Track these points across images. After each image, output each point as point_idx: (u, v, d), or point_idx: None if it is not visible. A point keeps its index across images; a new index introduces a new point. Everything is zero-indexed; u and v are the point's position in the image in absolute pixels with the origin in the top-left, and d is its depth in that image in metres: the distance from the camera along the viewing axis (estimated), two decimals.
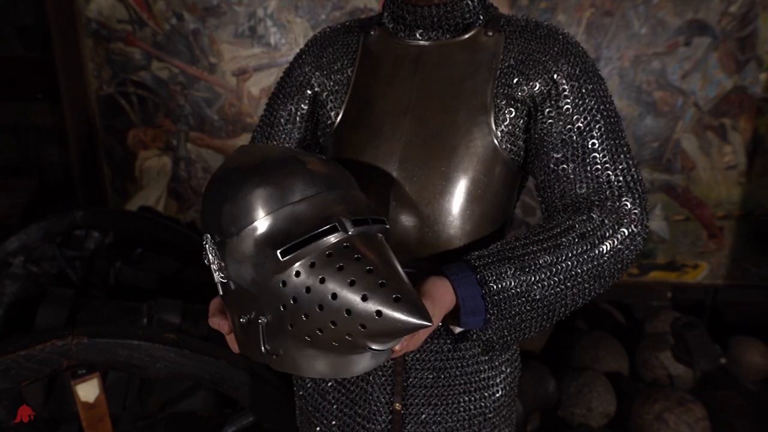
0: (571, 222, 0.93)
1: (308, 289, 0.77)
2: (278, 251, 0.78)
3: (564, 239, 0.91)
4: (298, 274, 0.78)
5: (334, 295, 0.75)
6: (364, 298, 0.74)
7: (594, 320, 3.17)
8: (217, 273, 0.86)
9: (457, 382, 1.05)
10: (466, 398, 1.06)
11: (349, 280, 0.75)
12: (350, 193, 0.86)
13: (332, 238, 0.78)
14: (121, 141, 3.21)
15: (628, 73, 2.96)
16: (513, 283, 0.88)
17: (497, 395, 1.08)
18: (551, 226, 0.95)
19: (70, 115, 3.04)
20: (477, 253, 0.93)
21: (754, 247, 3.18)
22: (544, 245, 0.91)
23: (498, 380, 1.08)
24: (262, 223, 0.80)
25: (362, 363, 0.85)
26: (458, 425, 1.06)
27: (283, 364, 0.85)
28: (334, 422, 1.11)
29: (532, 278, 0.89)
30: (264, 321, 0.82)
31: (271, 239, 0.79)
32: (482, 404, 1.07)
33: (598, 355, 2.79)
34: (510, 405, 1.13)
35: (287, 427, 1.62)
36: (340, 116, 1.06)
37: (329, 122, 1.08)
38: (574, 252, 0.90)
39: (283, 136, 1.14)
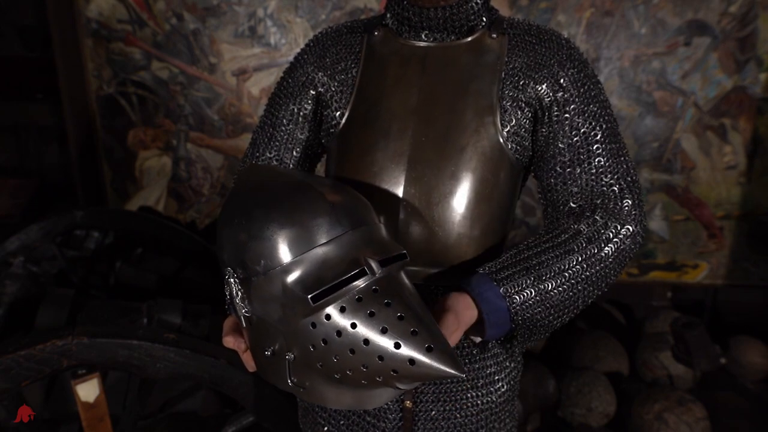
0: (577, 226, 0.98)
1: (339, 333, 0.78)
2: (309, 296, 0.78)
3: (573, 245, 0.96)
4: (328, 317, 0.78)
5: (366, 341, 0.77)
6: (397, 346, 0.76)
7: (594, 320, 3.17)
8: (241, 307, 0.86)
9: (465, 378, 1.07)
10: (474, 393, 1.08)
11: (381, 328, 0.76)
12: (373, 228, 0.86)
13: (361, 282, 0.79)
14: (121, 141, 3.21)
15: (628, 73, 2.95)
16: (533, 293, 0.93)
17: (502, 390, 1.10)
18: (559, 232, 0.99)
19: (70, 115, 3.04)
20: (493, 264, 0.96)
21: (754, 247, 3.18)
22: (556, 252, 0.96)
23: (502, 375, 1.10)
24: (290, 266, 0.80)
25: (385, 395, 0.88)
26: (466, 420, 1.08)
27: (310, 395, 0.86)
28: (342, 422, 1.11)
29: (549, 285, 0.94)
30: (291, 357, 0.83)
31: (300, 283, 0.79)
32: (489, 399, 1.09)
33: (598, 355, 2.79)
34: (513, 400, 1.15)
35: (287, 427, 1.62)
36: (345, 117, 1.06)
37: (334, 122, 1.08)
38: (584, 256, 0.96)
39: (286, 136, 1.13)
